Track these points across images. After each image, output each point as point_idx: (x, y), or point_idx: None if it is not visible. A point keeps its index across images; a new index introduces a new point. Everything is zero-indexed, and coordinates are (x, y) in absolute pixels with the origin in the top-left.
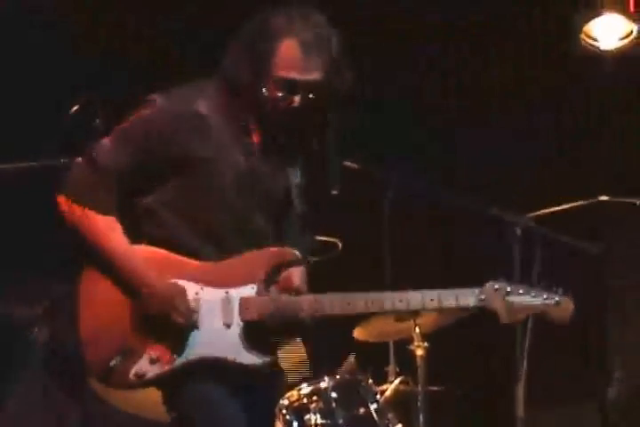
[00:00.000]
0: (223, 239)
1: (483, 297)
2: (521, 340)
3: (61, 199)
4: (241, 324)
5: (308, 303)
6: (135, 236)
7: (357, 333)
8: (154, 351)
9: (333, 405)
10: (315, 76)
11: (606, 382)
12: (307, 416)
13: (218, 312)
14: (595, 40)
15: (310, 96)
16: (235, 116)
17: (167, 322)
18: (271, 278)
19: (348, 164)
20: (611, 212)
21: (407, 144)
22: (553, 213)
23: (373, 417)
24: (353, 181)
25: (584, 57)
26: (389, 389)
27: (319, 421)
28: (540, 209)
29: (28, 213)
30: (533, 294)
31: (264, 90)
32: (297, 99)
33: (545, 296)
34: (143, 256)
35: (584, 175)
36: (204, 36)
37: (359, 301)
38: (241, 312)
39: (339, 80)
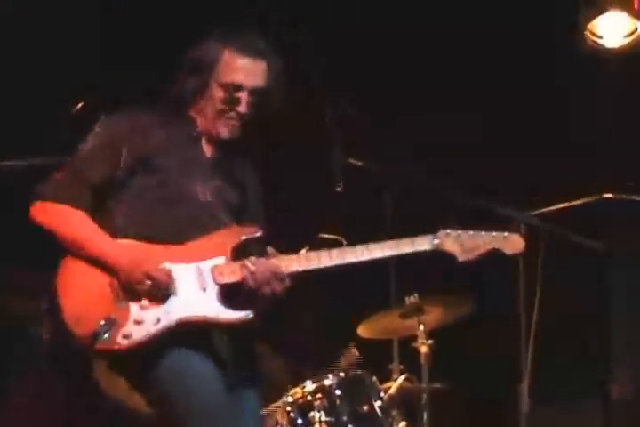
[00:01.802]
0: (183, 233)
1: (436, 241)
2: (525, 337)
3: (35, 205)
4: (216, 287)
5: (276, 262)
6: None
7: (361, 330)
8: (137, 314)
9: (337, 402)
10: (257, 80)
11: (609, 379)
12: (311, 413)
13: (192, 281)
14: (599, 38)
15: (252, 100)
16: (180, 127)
17: (146, 292)
18: (239, 252)
19: (351, 161)
20: (615, 209)
21: (408, 141)
22: (557, 210)
23: (377, 414)
24: (356, 178)
25: (589, 55)
26: (393, 386)
27: (323, 418)
28: (544, 207)
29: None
30: (483, 234)
31: (211, 95)
32: (242, 101)
33: (494, 234)
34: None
35: (589, 173)
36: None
37: (323, 255)
38: (215, 278)
39: (276, 92)
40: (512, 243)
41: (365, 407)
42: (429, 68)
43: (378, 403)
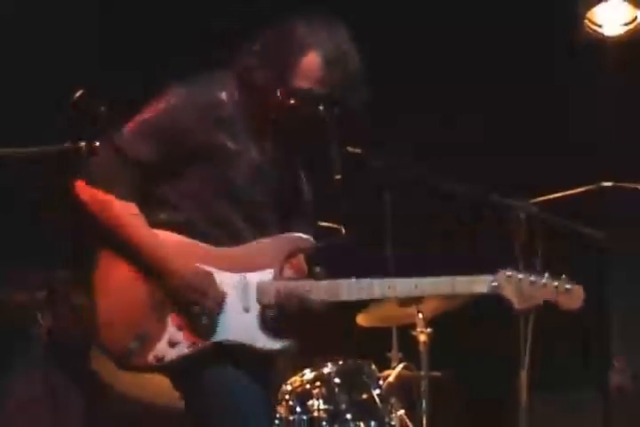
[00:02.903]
0: (235, 227)
1: (495, 284)
2: (524, 326)
3: (81, 184)
4: (258, 308)
5: (316, 287)
6: (150, 222)
7: (360, 318)
8: (173, 335)
9: (336, 390)
10: (330, 89)
11: (608, 368)
12: (310, 402)
13: (236, 297)
14: (598, 26)
15: (321, 108)
16: (251, 114)
17: (193, 306)
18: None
19: (349, 149)
20: (614, 198)
21: (407, 129)
22: (555, 199)
23: (376, 403)
24: (355, 167)
25: (588, 43)
26: (392, 374)
27: (322, 406)
28: (542, 195)
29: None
30: (544, 282)
31: (279, 96)
32: (309, 109)
33: (556, 284)
34: (161, 239)
35: (587, 161)
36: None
37: (375, 287)
38: (258, 296)
39: (353, 96)
40: (572, 297)
41: (364, 396)
42: (429, 67)
43: (376, 391)
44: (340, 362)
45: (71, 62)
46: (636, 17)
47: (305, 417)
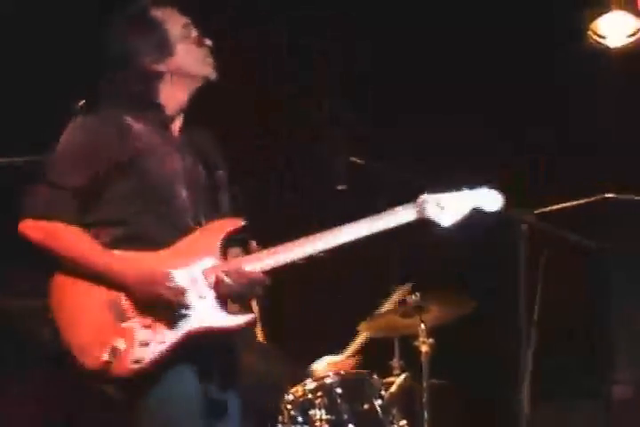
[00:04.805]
0: (175, 228)
1: (418, 209)
2: (526, 332)
3: (24, 223)
4: (212, 292)
5: (250, 266)
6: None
7: (363, 328)
8: (143, 336)
9: (338, 400)
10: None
11: (612, 380)
12: (311, 412)
13: (190, 289)
14: (602, 37)
15: None
16: (150, 117)
17: (158, 304)
18: (224, 248)
19: (353, 159)
20: (615, 209)
21: (409, 140)
22: (558, 210)
23: (378, 413)
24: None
25: (591, 55)
26: (394, 385)
27: (324, 416)
28: (544, 206)
29: None
30: (462, 193)
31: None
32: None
33: (472, 191)
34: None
35: (590, 172)
36: None
37: (307, 243)
38: (208, 282)
39: None
40: (492, 199)
41: (366, 406)
42: (429, 67)
43: (378, 402)
44: (342, 372)
45: (70, 64)
46: (639, 28)
47: None
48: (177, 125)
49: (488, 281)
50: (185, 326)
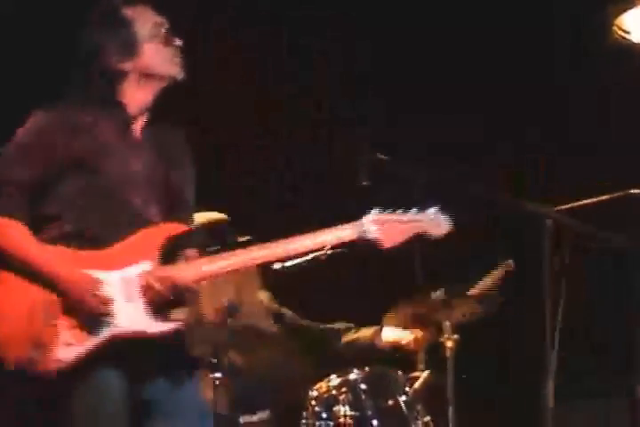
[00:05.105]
0: (117, 228)
1: (362, 229)
2: (551, 331)
3: None
4: (142, 298)
5: (181, 273)
6: (42, 239)
7: (387, 322)
8: (67, 336)
9: (362, 396)
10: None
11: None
12: (336, 408)
13: (120, 292)
14: (627, 33)
15: None
16: (110, 116)
17: (83, 309)
18: (166, 252)
19: (378, 155)
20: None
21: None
22: (582, 206)
23: (402, 409)
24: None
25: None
26: (418, 381)
27: (348, 412)
28: (568, 202)
29: None
30: (408, 217)
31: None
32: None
33: (418, 217)
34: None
35: (615, 168)
36: None
37: (252, 252)
38: (139, 287)
39: None
40: (437, 224)
41: (390, 402)
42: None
43: (403, 398)
44: (367, 368)
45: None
46: None
47: (331, 423)
48: (140, 125)
49: (512, 278)
50: (109, 330)
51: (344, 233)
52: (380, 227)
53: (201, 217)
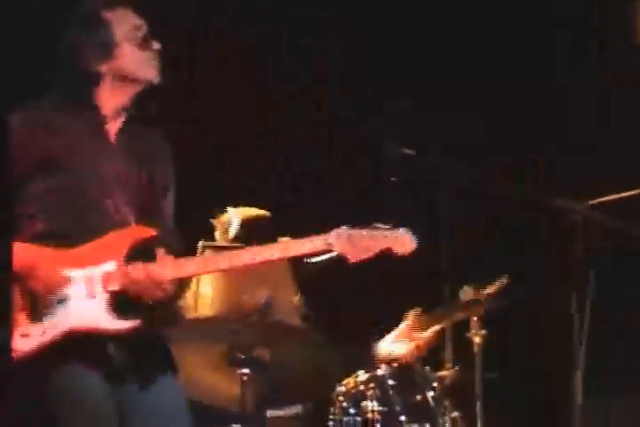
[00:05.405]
0: (89, 227)
1: (328, 242)
2: (579, 325)
3: None
4: (105, 295)
5: (158, 269)
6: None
7: (412, 319)
8: (24, 329)
9: (390, 392)
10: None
11: None
12: (363, 403)
13: (82, 288)
14: None
15: None
16: (82, 116)
17: (43, 302)
18: (136, 254)
19: (406, 151)
20: None
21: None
22: (611, 201)
23: (430, 405)
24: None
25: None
26: (446, 377)
27: (376, 408)
28: (597, 197)
29: None
30: (374, 233)
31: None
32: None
33: (386, 233)
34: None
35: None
36: None
37: (218, 259)
38: (104, 285)
39: None
40: (403, 242)
41: (418, 397)
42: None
43: (431, 393)
44: (395, 364)
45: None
46: None
47: (359, 418)
48: (115, 126)
49: (542, 273)
50: (67, 323)
51: (314, 246)
52: (346, 242)
53: (243, 212)
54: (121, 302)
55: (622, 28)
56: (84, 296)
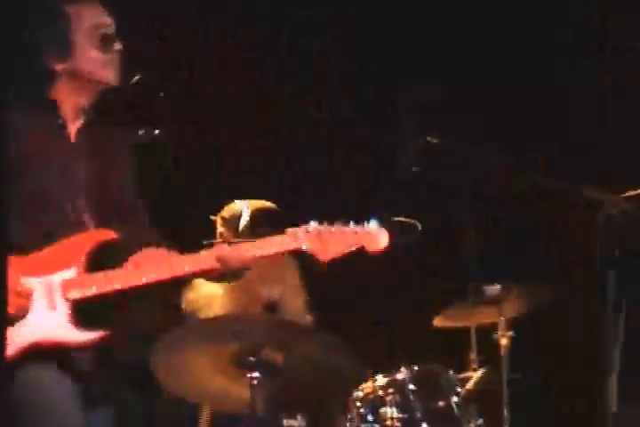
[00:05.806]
0: (48, 237)
1: (298, 239)
2: (614, 327)
3: None
4: (66, 304)
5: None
6: None
7: (438, 321)
8: None
9: (411, 397)
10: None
11: None
12: (382, 409)
13: (42, 299)
14: None
15: None
16: (43, 117)
17: None
18: (94, 259)
19: (429, 139)
20: None
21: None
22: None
23: (454, 411)
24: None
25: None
26: (471, 380)
27: (395, 415)
28: (627, 190)
29: None
30: (344, 230)
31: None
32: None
33: (355, 230)
34: None
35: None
36: None
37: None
38: (63, 293)
39: None
40: (375, 239)
41: (441, 403)
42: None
43: (454, 398)
44: (415, 367)
45: None
46: None
47: (377, 426)
48: (75, 127)
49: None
50: (28, 336)
51: (284, 243)
52: (314, 239)
53: (251, 205)
54: (83, 312)
55: (622, 28)
56: (44, 308)
